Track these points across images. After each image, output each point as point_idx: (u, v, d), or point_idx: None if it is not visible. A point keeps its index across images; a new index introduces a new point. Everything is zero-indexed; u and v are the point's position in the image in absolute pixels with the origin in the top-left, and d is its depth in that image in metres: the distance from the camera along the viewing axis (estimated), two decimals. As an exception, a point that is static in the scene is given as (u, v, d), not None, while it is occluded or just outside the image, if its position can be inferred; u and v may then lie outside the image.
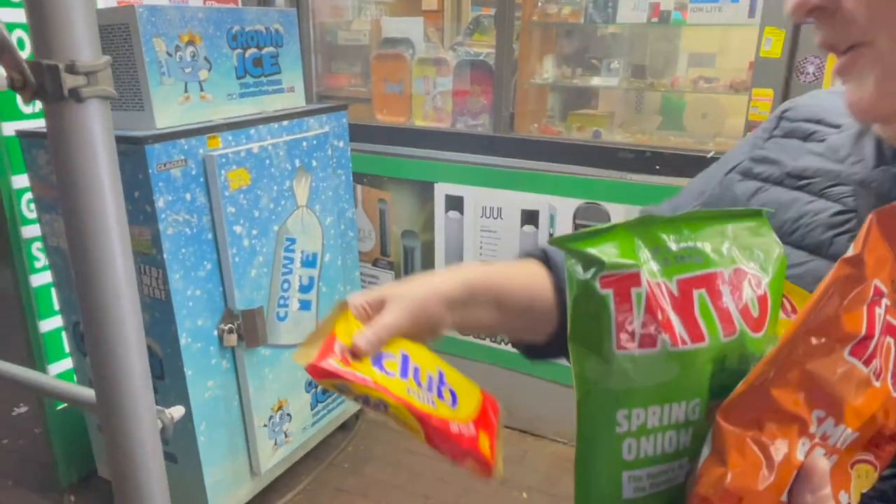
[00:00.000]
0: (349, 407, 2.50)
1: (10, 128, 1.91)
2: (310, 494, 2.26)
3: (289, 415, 2.18)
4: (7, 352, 2.10)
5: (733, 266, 0.42)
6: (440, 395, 0.58)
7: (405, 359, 0.58)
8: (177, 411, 1.24)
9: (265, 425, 2.09)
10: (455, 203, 2.45)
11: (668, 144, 2.32)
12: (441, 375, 0.60)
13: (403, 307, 0.59)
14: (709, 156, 2.08)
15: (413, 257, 2.62)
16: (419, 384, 0.57)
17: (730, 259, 0.42)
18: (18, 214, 1.96)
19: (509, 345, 1.10)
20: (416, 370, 0.58)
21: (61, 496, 2.24)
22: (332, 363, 0.54)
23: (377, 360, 0.56)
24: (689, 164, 2.09)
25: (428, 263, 2.60)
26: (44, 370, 2.08)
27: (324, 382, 0.54)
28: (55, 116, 0.69)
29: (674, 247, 0.42)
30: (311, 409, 2.29)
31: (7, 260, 2.02)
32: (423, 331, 0.60)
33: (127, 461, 1.10)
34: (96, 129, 1.01)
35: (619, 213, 2.19)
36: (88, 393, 1.24)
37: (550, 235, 2.31)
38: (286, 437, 2.19)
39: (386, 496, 2.23)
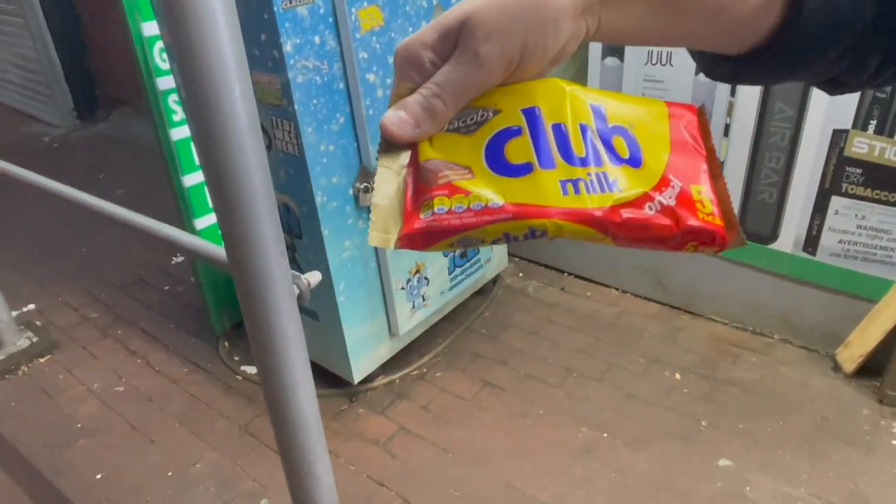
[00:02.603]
0: (487, 272, 2.39)
1: (135, -32, 1.79)
2: (447, 357, 2.22)
3: (426, 278, 2.09)
4: (160, 205, 2.16)
5: None
6: (612, 153, 0.36)
7: (534, 122, 0.36)
8: (313, 277, 1.13)
9: (402, 288, 2.02)
10: (614, 48, 2.09)
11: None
12: (599, 115, 0.37)
13: (493, 44, 0.34)
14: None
15: (560, 112, 2.33)
16: (573, 161, 0.35)
17: None
18: (152, 64, 1.89)
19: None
20: (560, 135, 0.35)
21: (216, 341, 2.37)
22: (427, 216, 0.34)
23: (495, 150, 0.35)
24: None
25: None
26: (191, 225, 2.11)
27: (438, 247, 0.35)
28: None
29: None
30: (449, 274, 2.19)
31: (147, 113, 2.00)
32: (536, 62, 0.36)
33: (264, 324, 1.02)
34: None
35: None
36: (220, 251, 1.17)
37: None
38: (424, 300, 2.13)
39: (525, 365, 2.15)
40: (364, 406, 2.05)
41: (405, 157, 0.37)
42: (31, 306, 2.66)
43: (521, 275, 2.61)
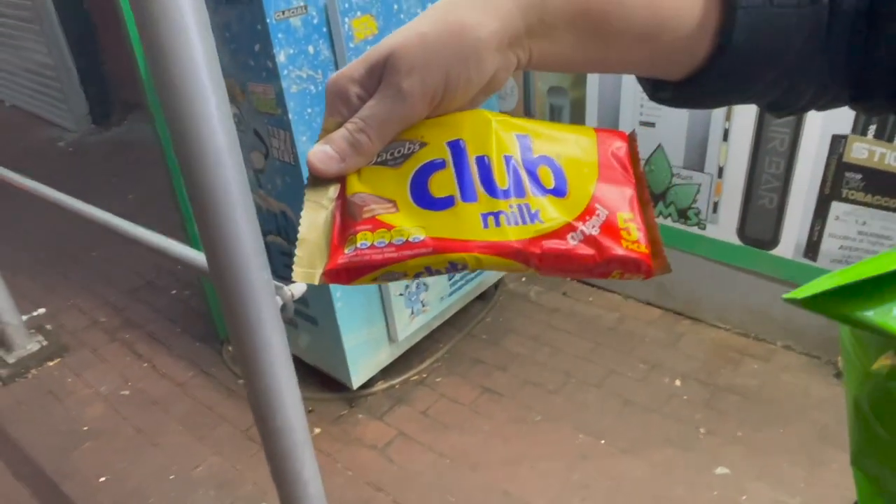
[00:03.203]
0: (487, 278, 2.39)
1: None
2: (447, 363, 2.23)
3: (425, 284, 2.10)
4: (170, 210, 2.18)
5: None
6: (536, 183, 0.36)
7: (458, 155, 0.36)
8: (297, 288, 1.14)
9: (401, 294, 2.03)
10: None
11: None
12: (525, 146, 0.37)
13: (415, 79, 0.34)
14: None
15: (560, 118, 2.33)
16: (495, 193, 0.35)
17: None
18: (154, 74, 1.92)
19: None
20: (483, 168, 0.36)
21: (220, 346, 2.40)
22: (350, 251, 0.35)
23: (420, 183, 0.36)
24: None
25: (578, 123, 2.30)
26: (193, 231, 2.14)
27: (362, 281, 0.35)
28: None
29: None
30: (449, 279, 2.20)
31: (150, 120, 2.03)
32: (460, 94, 0.36)
33: (247, 335, 1.03)
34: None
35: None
36: (201, 258, 1.19)
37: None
38: (423, 306, 2.13)
39: (524, 371, 2.15)
40: (363, 411, 2.06)
41: (334, 190, 0.38)
42: (42, 310, 2.71)
43: (523, 279, 2.61)
